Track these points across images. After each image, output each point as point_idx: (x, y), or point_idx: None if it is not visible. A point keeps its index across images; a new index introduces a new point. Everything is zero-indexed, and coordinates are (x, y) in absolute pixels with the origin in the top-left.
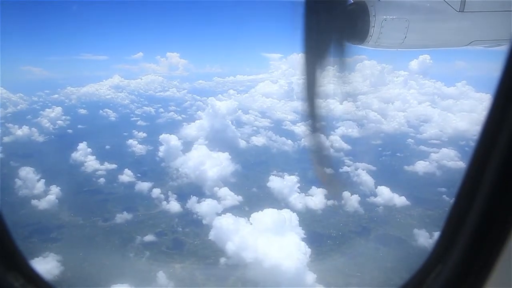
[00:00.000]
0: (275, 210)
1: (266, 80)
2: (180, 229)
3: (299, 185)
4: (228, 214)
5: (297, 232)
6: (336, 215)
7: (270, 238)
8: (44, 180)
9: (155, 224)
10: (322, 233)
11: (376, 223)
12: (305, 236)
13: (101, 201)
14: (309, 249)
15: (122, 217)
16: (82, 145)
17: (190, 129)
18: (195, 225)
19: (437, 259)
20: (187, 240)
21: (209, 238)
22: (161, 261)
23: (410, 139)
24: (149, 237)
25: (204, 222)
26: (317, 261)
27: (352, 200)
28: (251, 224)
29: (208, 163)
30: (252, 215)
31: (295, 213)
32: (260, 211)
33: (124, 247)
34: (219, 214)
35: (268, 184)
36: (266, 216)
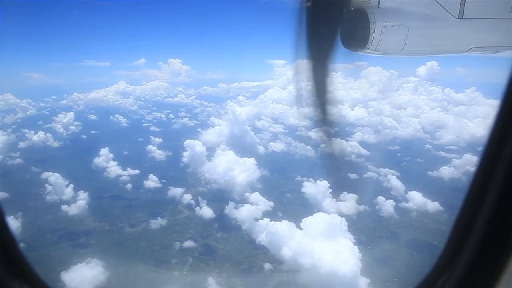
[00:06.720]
0: (325, 214)
1: (273, 86)
2: (219, 234)
3: (331, 190)
4: (266, 220)
5: (348, 236)
6: (370, 221)
7: (323, 243)
8: (73, 185)
9: (188, 230)
10: (355, 239)
11: (410, 228)
12: (354, 241)
13: (129, 206)
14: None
15: (157, 222)
16: (104, 151)
17: (210, 135)
18: (235, 230)
19: (446, 264)
20: (227, 246)
21: (262, 243)
22: (207, 267)
23: (427, 145)
24: (188, 243)
25: (243, 227)
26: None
27: (386, 205)
28: (301, 229)
29: (236, 168)
30: (303, 219)
31: (343, 218)
32: (310, 216)
33: (166, 252)
34: (257, 220)
35: (302, 189)
36: (316, 220)
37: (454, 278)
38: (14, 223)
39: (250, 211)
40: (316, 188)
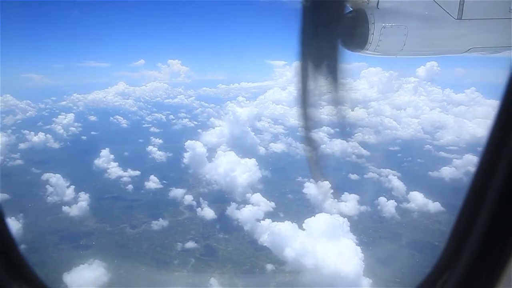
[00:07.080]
0: (327, 215)
1: (273, 87)
2: (221, 235)
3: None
4: (268, 220)
5: (350, 237)
6: (371, 221)
7: (325, 243)
8: (73, 186)
9: (190, 231)
10: (357, 240)
11: (411, 229)
12: (357, 241)
13: (130, 207)
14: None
15: (158, 223)
16: (105, 152)
17: (210, 136)
18: (237, 230)
19: (447, 263)
20: (229, 247)
21: (264, 244)
22: (209, 268)
23: (428, 145)
24: (190, 244)
25: (245, 228)
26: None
27: (388, 206)
28: (303, 229)
29: (237, 169)
30: (305, 220)
31: (345, 218)
32: (312, 217)
33: (167, 253)
34: (258, 220)
35: (304, 190)
36: (318, 221)
37: (454, 278)
38: (15, 224)
39: (252, 212)
40: (317, 188)
